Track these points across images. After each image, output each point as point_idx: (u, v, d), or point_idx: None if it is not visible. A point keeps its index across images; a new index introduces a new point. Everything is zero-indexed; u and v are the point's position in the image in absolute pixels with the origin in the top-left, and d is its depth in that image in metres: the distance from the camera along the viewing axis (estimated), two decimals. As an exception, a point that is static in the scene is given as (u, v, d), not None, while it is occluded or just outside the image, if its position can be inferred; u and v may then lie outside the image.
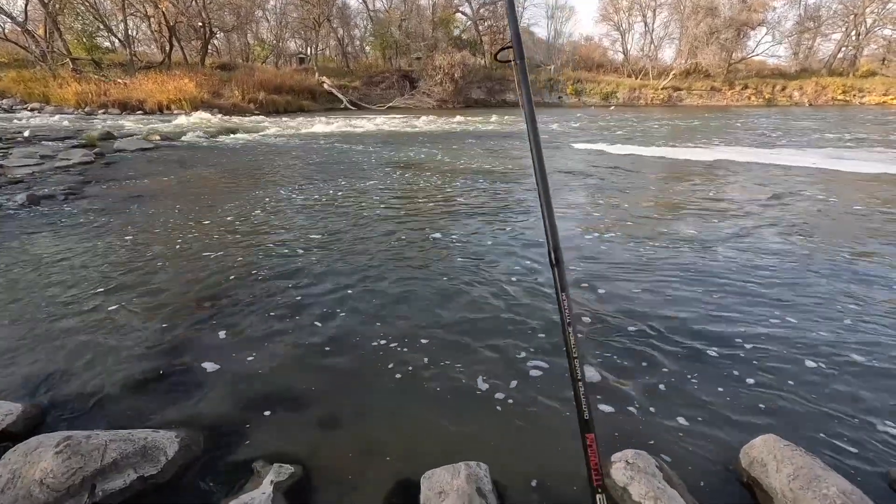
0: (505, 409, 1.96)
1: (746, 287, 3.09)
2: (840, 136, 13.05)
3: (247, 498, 1.46)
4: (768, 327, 2.57)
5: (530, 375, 2.17)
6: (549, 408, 1.95)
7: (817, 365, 2.22)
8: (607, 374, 2.17)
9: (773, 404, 1.96)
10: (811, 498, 1.33)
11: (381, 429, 1.85)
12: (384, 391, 2.07)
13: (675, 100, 36.76)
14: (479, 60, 35.25)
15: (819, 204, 5.35)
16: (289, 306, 2.85)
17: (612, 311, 2.78)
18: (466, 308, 2.84)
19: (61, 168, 7.51)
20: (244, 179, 6.97)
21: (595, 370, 2.18)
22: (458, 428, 1.85)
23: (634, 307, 2.82)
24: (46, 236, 4.14)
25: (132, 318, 2.69)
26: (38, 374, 2.16)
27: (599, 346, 2.39)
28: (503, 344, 2.43)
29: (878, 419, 1.86)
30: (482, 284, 3.17)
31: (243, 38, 38.10)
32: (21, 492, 1.40)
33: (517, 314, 2.75)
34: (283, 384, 2.12)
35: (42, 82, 22.13)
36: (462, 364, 2.26)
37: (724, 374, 2.16)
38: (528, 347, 2.39)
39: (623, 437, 1.76)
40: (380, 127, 16.43)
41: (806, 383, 2.09)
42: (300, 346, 2.41)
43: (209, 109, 21.70)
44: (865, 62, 39.48)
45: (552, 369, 2.21)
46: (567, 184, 6.64)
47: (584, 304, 2.85)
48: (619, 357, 2.30)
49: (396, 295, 3.02)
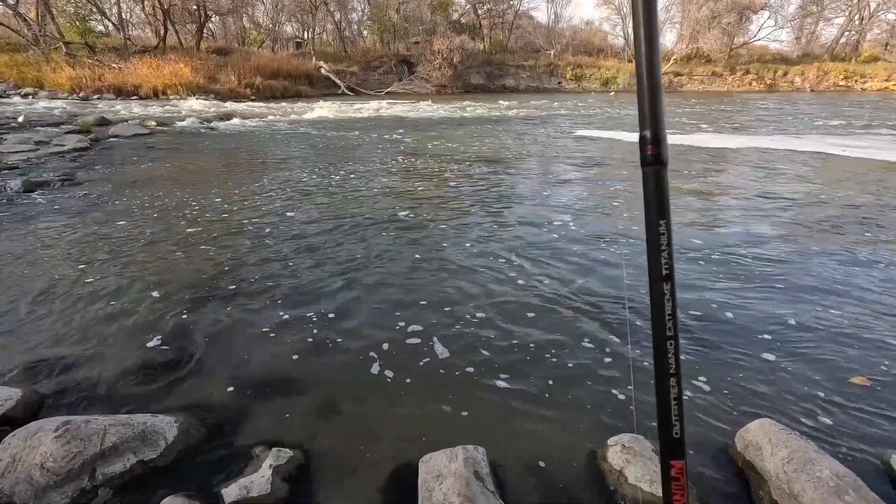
0: (502, 393, 1.97)
1: (746, 269, 3.10)
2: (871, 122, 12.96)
3: (246, 482, 1.47)
4: (765, 308, 2.58)
5: (527, 360, 2.18)
6: (547, 392, 1.97)
7: (813, 350, 2.24)
8: (599, 357, 2.18)
9: (769, 389, 1.97)
10: (805, 480, 1.35)
11: (380, 414, 1.86)
12: (382, 376, 2.08)
13: (676, 85, 36.43)
14: (478, 45, 34.81)
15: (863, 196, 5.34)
16: (288, 292, 2.84)
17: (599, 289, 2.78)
18: (465, 293, 2.84)
19: (56, 154, 7.44)
20: (241, 166, 6.92)
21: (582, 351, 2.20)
22: (456, 412, 1.86)
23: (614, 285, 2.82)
24: (43, 222, 4.12)
25: (130, 304, 2.68)
26: (37, 360, 2.17)
27: (590, 324, 2.40)
28: (501, 328, 2.44)
29: (873, 405, 1.88)
30: (482, 270, 3.17)
31: (239, 22, 37.57)
32: (21, 475, 1.41)
33: (515, 298, 2.76)
34: (283, 369, 2.12)
35: (35, 67, 21.81)
36: (459, 348, 2.27)
37: (719, 359, 2.17)
38: (526, 332, 2.40)
39: (618, 421, 1.78)
40: (378, 112, 16.28)
41: (801, 368, 2.11)
42: (299, 332, 2.42)
43: (205, 95, 21.48)
44: (868, 47, 39.09)
45: (550, 354, 2.22)
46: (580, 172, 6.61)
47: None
48: (611, 337, 2.31)
49: (395, 281, 3.02)
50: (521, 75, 35.31)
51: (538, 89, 34.57)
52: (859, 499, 1.28)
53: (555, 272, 3.13)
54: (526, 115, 15.45)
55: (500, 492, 1.46)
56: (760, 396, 1.93)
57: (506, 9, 37.84)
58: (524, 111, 16.75)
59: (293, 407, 1.89)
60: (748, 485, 1.52)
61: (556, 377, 2.06)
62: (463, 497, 1.34)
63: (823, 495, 1.30)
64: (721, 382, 2.02)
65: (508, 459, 1.62)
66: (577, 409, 1.87)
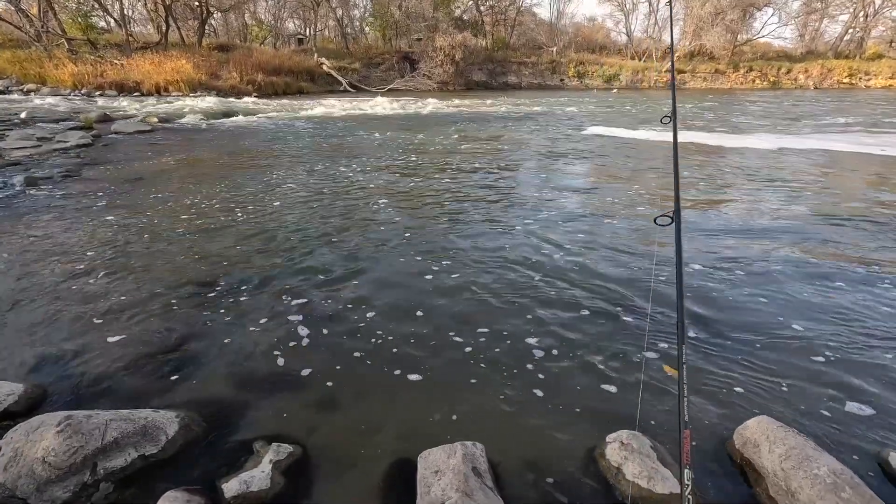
0: (501, 390, 1.97)
1: (749, 268, 3.09)
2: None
3: (246, 476, 1.48)
4: (767, 307, 2.58)
5: (526, 357, 2.19)
6: (545, 389, 1.97)
7: (813, 348, 2.24)
8: (598, 355, 2.19)
9: (767, 387, 1.97)
10: (802, 477, 1.35)
11: (379, 409, 1.87)
12: (382, 372, 2.09)
13: (678, 83, 36.26)
14: (480, 42, 34.65)
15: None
16: (287, 288, 2.85)
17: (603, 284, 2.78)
18: (465, 291, 2.84)
19: (59, 150, 7.45)
20: (243, 162, 6.93)
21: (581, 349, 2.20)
22: (455, 408, 1.87)
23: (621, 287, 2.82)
24: (45, 218, 4.13)
25: (132, 300, 2.70)
26: (39, 355, 2.18)
27: (590, 321, 2.40)
28: (501, 326, 2.44)
29: (872, 403, 1.88)
30: (483, 269, 3.17)
31: (241, 19, 37.48)
32: (23, 469, 1.43)
33: (515, 297, 2.76)
34: (283, 365, 2.13)
35: (38, 63, 21.77)
36: (458, 346, 2.28)
37: (718, 357, 2.17)
38: (527, 329, 2.41)
39: (617, 418, 1.78)
40: (380, 109, 16.25)
41: (801, 367, 2.11)
42: (299, 328, 2.43)
43: (207, 91, 21.45)
44: (873, 44, 38.82)
45: (549, 350, 2.22)
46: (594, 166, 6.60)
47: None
48: (611, 335, 2.32)
49: (395, 278, 3.03)
50: (523, 72, 35.17)
51: (540, 86, 34.41)
52: (856, 496, 1.28)
53: (558, 269, 3.13)
54: (527, 111, 15.41)
55: (498, 488, 1.47)
56: (759, 394, 1.93)
57: (508, 5, 37.68)
58: (525, 108, 16.71)
59: (293, 402, 1.90)
60: (746, 481, 1.52)
61: (556, 374, 2.07)
62: (461, 493, 1.35)
63: (820, 492, 1.30)
64: (720, 380, 2.02)
65: (507, 455, 1.63)
66: (575, 406, 1.88)
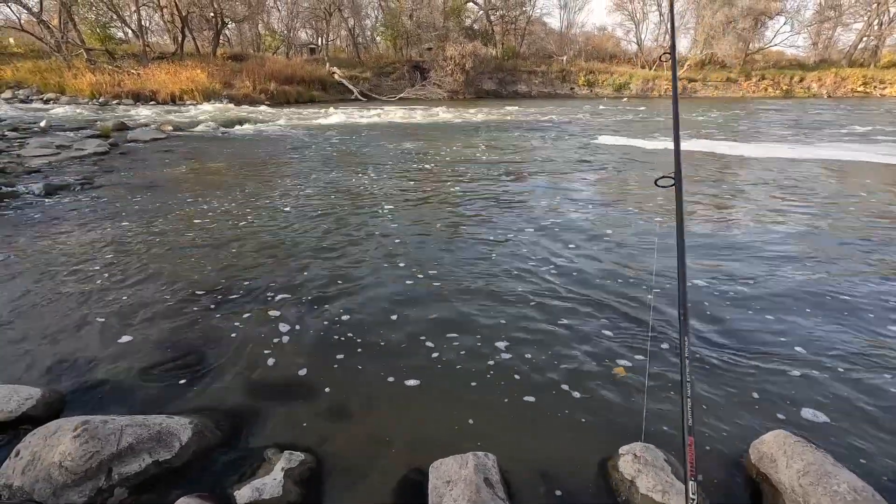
0: (513, 399, 1.96)
1: (763, 280, 3.06)
2: None
3: (258, 484, 1.49)
4: (783, 319, 2.55)
5: (539, 367, 2.17)
6: (557, 399, 1.96)
7: (830, 361, 2.20)
8: (609, 364, 2.17)
9: (784, 400, 1.94)
10: (821, 494, 1.33)
11: (391, 419, 1.87)
12: (393, 382, 2.09)
13: (689, 91, 36.07)
14: (490, 51, 34.87)
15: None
16: (301, 297, 2.87)
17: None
18: (477, 301, 2.84)
19: (76, 158, 7.61)
20: (256, 170, 7.01)
21: (597, 361, 2.18)
22: (467, 418, 1.86)
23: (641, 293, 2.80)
24: (64, 225, 4.21)
25: (148, 307, 2.73)
26: (57, 361, 2.22)
27: (602, 332, 2.39)
28: (514, 336, 2.44)
29: (891, 417, 1.84)
30: (496, 278, 3.17)
31: (254, 29, 38.09)
32: (41, 473, 1.45)
33: (527, 306, 2.75)
34: (295, 374, 2.14)
35: (57, 73, 22.31)
36: (471, 355, 2.27)
37: (734, 369, 2.15)
38: (538, 339, 2.40)
39: (629, 430, 1.76)
40: (391, 118, 16.38)
41: (819, 380, 2.07)
42: (312, 337, 2.44)
43: (221, 100, 21.79)
44: (888, 53, 38.37)
45: (561, 361, 2.21)
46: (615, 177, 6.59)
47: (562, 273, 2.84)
48: (624, 345, 2.30)
49: (407, 288, 3.04)
50: (533, 81, 35.27)
51: (550, 95, 34.47)
52: (877, 514, 1.25)
53: (570, 280, 3.12)
54: (537, 120, 15.44)
55: (510, 499, 1.46)
56: (776, 407, 1.90)
57: (518, 15, 37.89)
58: (535, 117, 16.74)
59: (305, 410, 1.91)
60: (762, 497, 1.50)
61: (568, 384, 2.05)
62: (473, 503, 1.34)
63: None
64: (736, 393, 1.99)
65: (519, 466, 1.62)
66: (588, 418, 1.86)
